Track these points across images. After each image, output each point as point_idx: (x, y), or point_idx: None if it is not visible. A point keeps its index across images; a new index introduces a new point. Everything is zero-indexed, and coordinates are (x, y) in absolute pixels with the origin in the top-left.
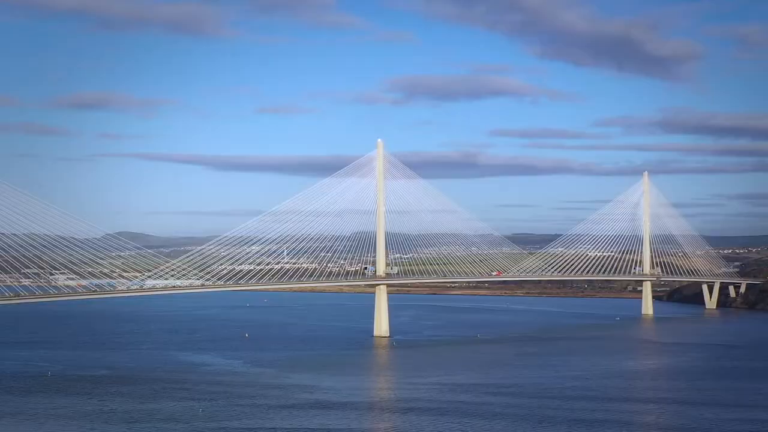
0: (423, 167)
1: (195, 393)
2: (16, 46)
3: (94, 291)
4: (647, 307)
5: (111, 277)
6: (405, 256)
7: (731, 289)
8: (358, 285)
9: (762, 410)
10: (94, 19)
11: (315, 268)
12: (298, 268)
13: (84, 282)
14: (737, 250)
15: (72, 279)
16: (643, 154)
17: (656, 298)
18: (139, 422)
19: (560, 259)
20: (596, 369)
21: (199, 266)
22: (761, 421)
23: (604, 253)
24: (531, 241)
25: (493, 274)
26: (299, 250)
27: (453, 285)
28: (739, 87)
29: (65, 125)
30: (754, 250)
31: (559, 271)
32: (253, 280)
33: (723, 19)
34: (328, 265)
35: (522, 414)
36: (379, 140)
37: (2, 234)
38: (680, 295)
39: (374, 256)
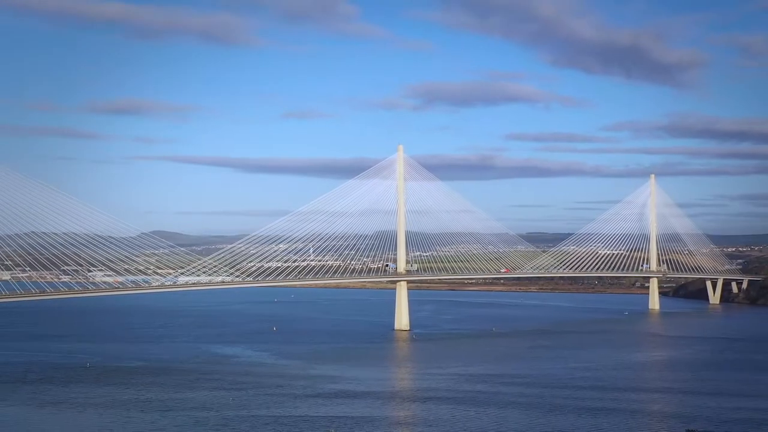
0: (441, 169)
1: (226, 383)
2: (55, 54)
3: (129, 287)
4: (654, 302)
5: (146, 274)
6: (424, 254)
7: (734, 285)
8: (380, 281)
9: (763, 399)
10: (130, 29)
11: (339, 266)
12: (323, 266)
13: (120, 278)
14: (740, 249)
15: (109, 275)
16: (651, 157)
17: (662, 293)
18: (173, 410)
19: (572, 256)
20: (605, 361)
21: (229, 263)
22: (762, 409)
23: (614, 251)
24: (544, 240)
25: (502, 271)
26: (324, 248)
27: (470, 281)
28: (742, 93)
29: (101, 130)
30: (756, 249)
31: (571, 268)
32: (280, 277)
33: (727, 28)
34: (352, 262)
35: (534, 403)
36: (399, 145)
37: (43, 233)
38: (685, 291)
39: (395, 254)
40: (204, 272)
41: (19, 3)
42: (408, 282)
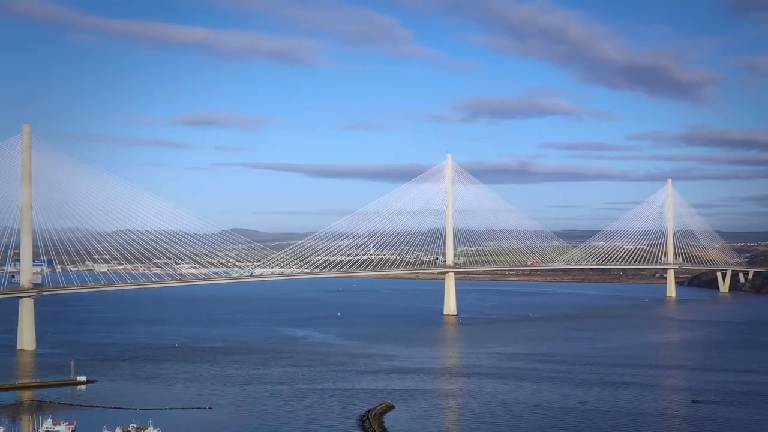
0: (485, 174)
1: (297, 361)
2: (149, 73)
3: (212, 278)
4: (671, 290)
5: (226, 266)
6: (470, 249)
7: (741, 275)
8: (431, 273)
9: (763, 375)
10: (213, 51)
11: (396, 259)
12: (381, 259)
13: (204, 270)
14: (748, 244)
15: (194, 268)
16: (670, 163)
17: (678, 283)
18: (251, 384)
19: (599, 251)
20: (627, 341)
21: (299, 257)
22: (762, 383)
23: (636, 246)
24: (575, 236)
25: (529, 263)
26: (383, 244)
27: (510, 273)
28: (750, 107)
29: (186, 139)
30: (762, 244)
31: (598, 261)
32: (344, 269)
33: (737, 50)
34: (407, 256)
35: (564, 378)
36: (448, 153)
37: (137, 230)
38: (698, 281)
39: (444, 249)
40: (277, 265)
41: (120, 29)
42: (455, 273)
